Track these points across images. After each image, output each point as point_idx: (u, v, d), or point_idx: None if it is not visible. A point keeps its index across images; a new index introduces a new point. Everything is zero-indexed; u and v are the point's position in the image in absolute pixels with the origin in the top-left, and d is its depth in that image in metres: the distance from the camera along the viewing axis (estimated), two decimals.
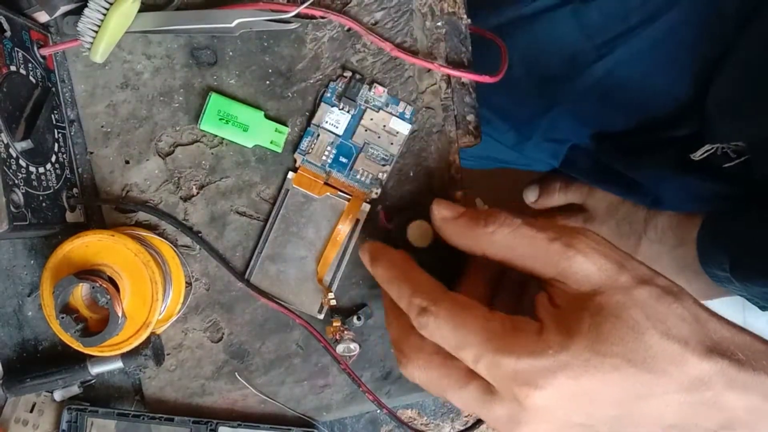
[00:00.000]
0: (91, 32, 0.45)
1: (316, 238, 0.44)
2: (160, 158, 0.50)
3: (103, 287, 0.43)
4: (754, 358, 0.31)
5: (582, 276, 0.34)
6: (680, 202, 0.71)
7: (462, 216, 0.40)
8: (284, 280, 0.45)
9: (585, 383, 0.31)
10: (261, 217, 0.50)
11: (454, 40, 0.50)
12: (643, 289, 0.33)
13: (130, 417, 0.51)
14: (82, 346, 0.44)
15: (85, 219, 0.50)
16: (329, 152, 0.44)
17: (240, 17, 0.47)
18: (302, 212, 0.45)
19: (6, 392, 0.50)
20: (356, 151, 0.44)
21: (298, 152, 0.44)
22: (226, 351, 0.52)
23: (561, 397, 0.32)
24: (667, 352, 0.31)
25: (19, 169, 0.43)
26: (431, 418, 0.54)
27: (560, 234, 0.36)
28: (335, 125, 0.44)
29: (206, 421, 0.51)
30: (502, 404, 0.34)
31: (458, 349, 0.35)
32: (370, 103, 0.44)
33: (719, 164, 0.63)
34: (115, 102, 0.50)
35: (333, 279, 0.47)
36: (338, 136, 0.44)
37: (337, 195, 0.44)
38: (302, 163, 0.44)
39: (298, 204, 0.45)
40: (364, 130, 0.44)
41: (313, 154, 0.44)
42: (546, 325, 0.34)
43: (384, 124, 0.44)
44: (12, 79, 0.44)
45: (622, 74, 0.67)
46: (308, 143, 0.44)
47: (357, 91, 0.44)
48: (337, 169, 0.44)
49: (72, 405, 0.51)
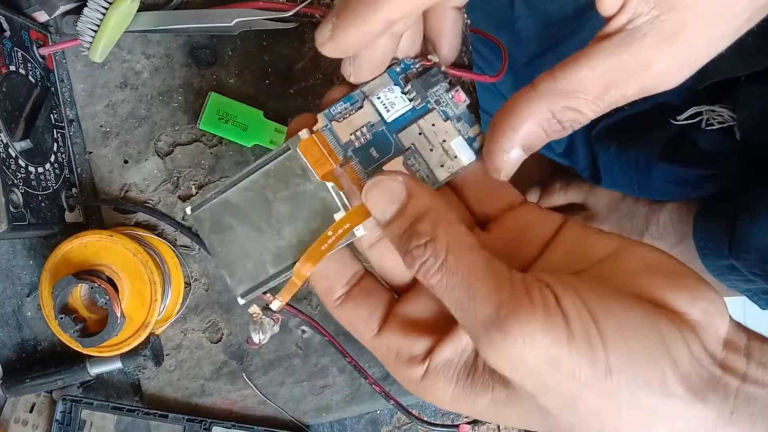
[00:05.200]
0: (91, 32, 0.45)
1: (285, 220, 0.32)
2: (159, 158, 0.50)
3: (102, 287, 0.43)
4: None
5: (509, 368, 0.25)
6: (668, 186, 0.72)
7: (393, 220, 0.28)
8: (228, 239, 0.33)
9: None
10: None
11: None
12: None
13: (125, 411, 0.51)
14: (81, 346, 0.44)
15: (84, 219, 0.50)
16: (362, 134, 0.32)
17: (239, 16, 0.47)
18: (288, 183, 0.33)
19: (5, 392, 0.50)
20: (395, 151, 0.32)
21: (324, 114, 0.32)
22: (226, 351, 0.52)
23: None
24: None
25: (18, 169, 0.42)
26: (431, 418, 0.54)
27: (507, 290, 0.25)
28: (387, 106, 0.33)
29: (200, 420, 0.51)
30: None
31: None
32: (441, 106, 0.33)
33: (702, 129, 0.66)
34: (114, 101, 0.50)
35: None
36: (383, 122, 0.32)
37: (338, 194, 0.31)
38: (322, 129, 0.32)
39: (289, 171, 0.33)
40: (417, 131, 0.33)
41: (342, 125, 0.32)
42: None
43: (444, 139, 0.33)
44: (11, 78, 0.43)
45: None
46: (343, 110, 0.32)
47: (434, 84, 0.33)
48: (360, 160, 0.32)
49: (66, 395, 0.51)
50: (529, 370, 0.23)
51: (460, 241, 0.26)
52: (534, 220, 0.30)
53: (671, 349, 0.23)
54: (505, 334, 0.23)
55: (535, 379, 0.24)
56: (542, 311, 0.23)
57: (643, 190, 0.76)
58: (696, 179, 0.70)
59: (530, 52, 0.74)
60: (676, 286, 0.25)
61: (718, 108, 0.66)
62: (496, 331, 0.23)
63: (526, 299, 0.24)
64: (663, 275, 0.26)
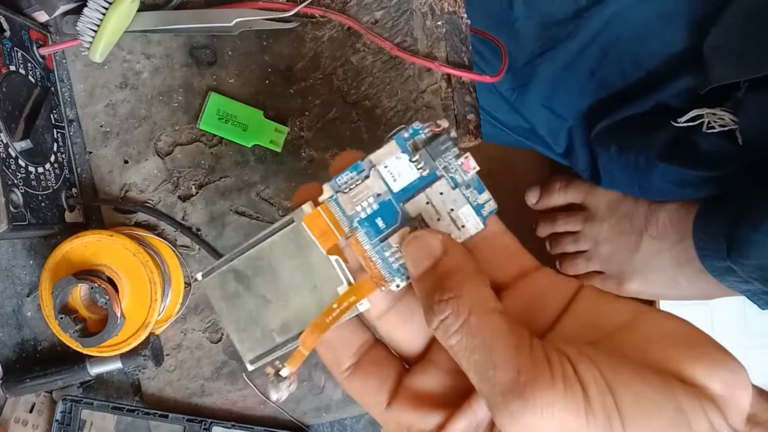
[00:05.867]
0: (91, 32, 0.45)
1: (291, 290, 0.33)
2: (159, 158, 0.50)
3: (102, 287, 0.43)
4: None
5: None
6: (668, 187, 0.72)
7: (424, 275, 0.28)
8: (236, 306, 0.34)
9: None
10: (261, 216, 0.50)
11: (454, 39, 0.49)
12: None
13: (125, 411, 0.51)
14: (81, 346, 0.44)
15: (84, 219, 0.50)
16: (368, 205, 0.31)
17: (239, 16, 0.47)
18: (294, 255, 0.33)
19: (5, 392, 0.50)
20: (401, 222, 0.31)
21: (330, 185, 0.31)
22: (226, 351, 0.52)
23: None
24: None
25: (18, 169, 0.42)
26: None
27: (526, 360, 0.24)
28: (394, 176, 0.32)
29: (200, 420, 0.51)
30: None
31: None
32: (450, 173, 0.32)
33: (703, 131, 0.66)
34: (114, 101, 0.50)
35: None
36: (390, 191, 0.32)
37: (342, 268, 0.31)
38: (328, 200, 0.31)
39: (294, 243, 0.33)
40: (425, 201, 0.32)
41: (348, 196, 0.31)
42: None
43: (452, 208, 0.32)
44: (11, 78, 0.43)
45: (621, 25, 0.69)
46: (348, 180, 0.31)
47: (443, 152, 0.32)
48: (366, 230, 0.31)
49: (66, 395, 0.51)
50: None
51: (484, 303, 0.26)
52: (548, 288, 0.29)
53: (692, 423, 0.23)
54: (524, 402, 0.23)
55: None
56: (562, 381, 0.23)
57: (644, 190, 0.76)
58: (697, 181, 0.70)
59: (529, 52, 0.74)
60: (694, 356, 0.24)
61: (719, 111, 0.66)
62: (514, 398, 0.23)
63: (546, 367, 0.23)
64: (680, 345, 0.25)
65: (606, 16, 0.69)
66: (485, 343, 0.25)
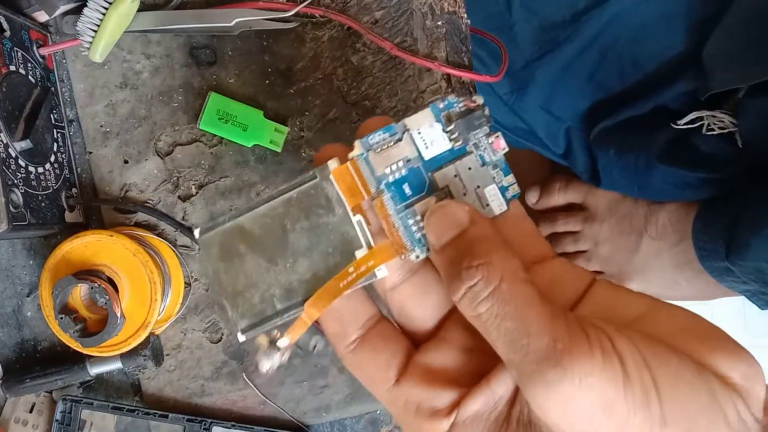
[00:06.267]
0: (91, 32, 0.45)
1: (301, 252, 0.30)
2: (159, 158, 0.50)
3: (102, 287, 0.43)
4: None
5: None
6: (668, 188, 0.72)
7: (448, 244, 0.27)
8: (235, 267, 0.31)
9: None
10: None
11: (454, 39, 0.49)
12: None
13: (125, 411, 0.51)
14: (81, 346, 0.44)
15: (84, 219, 0.50)
16: (398, 168, 0.30)
17: (239, 16, 0.47)
18: (310, 214, 0.30)
19: (5, 392, 0.50)
20: (427, 191, 0.31)
21: (361, 141, 0.30)
22: (226, 351, 0.52)
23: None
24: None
25: (18, 169, 0.42)
26: None
27: (563, 330, 0.23)
28: (426, 143, 0.31)
29: (200, 420, 0.51)
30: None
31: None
32: (479, 150, 0.31)
33: (703, 133, 0.66)
34: (114, 101, 0.50)
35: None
36: (421, 158, 0.31)
37: (364, 230, 0.29)
38: (358, 157, 0.30)
39: (312, 201, 0.31)
40: (453, 173, 0.31)
41: (379, 156, 0.30)
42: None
43: (479, 185, 0.31)
44: (11, 78, 0.43)
45: (620, 27, 0.69)
46: (381, 141, 0.30)
47: (476, 127, 0.31)
48: (392, 195, 0.30)
49: (66, 395, 0.51)
50: (581, 415, 0.22)
51: (515, 271, 0.25)
52: (565, 275, 0.29)
53: (725, 409, 0.22)
54: (562, 370, 0.22)
55: (586, 428, 0.22)
56: (600, 352, 0.22)
57: (644, 192, 0.76)
58: (697, 182, 0.70)
59: (527, 56, 0.74)
60: (714, 348, 0.24)
61: (719, 113, 0.66)
62: (551, 366, 0.22)
63: (584, 338, 0.22)
64: (699, 337, 0.25)
65: (605, 19, 0.69)
66: (518, 311, 0.24)
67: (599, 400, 0.22)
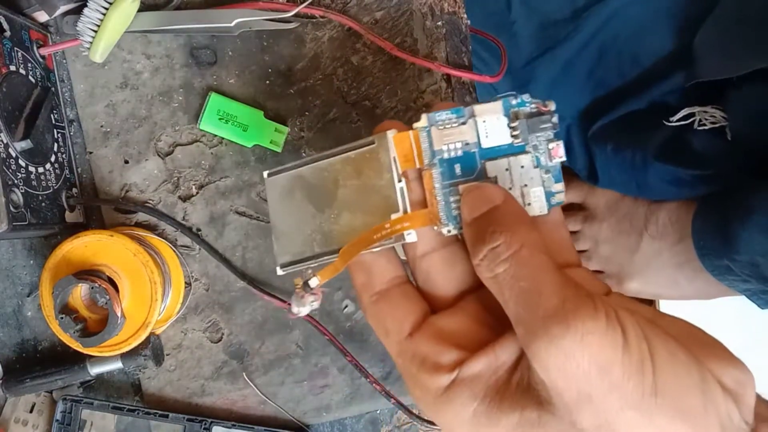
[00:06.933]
0: (91, 32, 0.45)
1: (346, 207, 0.33)
2: (160, 158, 0.50)
3: (103, 287, 0.43)
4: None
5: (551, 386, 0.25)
6: (665, 186, 0.72)
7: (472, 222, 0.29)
8: (289, 209, 0.35)
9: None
10: (261, 216, 0.50)
11: (454, 39, 0.49)
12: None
13: (125, 411, 0.51)
14: (81, 346, 0.44)
15: (85, 219, 0.50)
16: (455, 148, 0.32)
17: (239, 17, 0.47)
18: (361, 174, 0.33)
19: (6, 392, 0.50)
20: (476, 176, 0.32)
21: (428, 115, 0.32)
22: (226, 351, 0.52)
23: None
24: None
25: (18, 169, 0.43)
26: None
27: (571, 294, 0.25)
28: (488, 133, 0.32)
29: (200, 420, 0.51)
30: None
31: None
32: (537, 152, 0.33)
33: (695, 129, 0.66)
34: (114, 102, 0.50)
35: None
36: (478, 144, 0.32)
37: (404, 196, 0.32)
38: (422, 130, 0.32)
39: (366, 164, 0.33)
40: (505, 167, 0.32)
41: (440, 133, 0.32)
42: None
43: (526, 183, 0.33)
44: (11, 78, 0.43)
45: (619, 23, 0.69)
46: (446, 119, 0.32)
47: (541, 130, 0.33)
48: (442, 171, 0.32)
49: (67, 395, 0.51)
50: (578, 372, 0.23)
51: (536, 242, 0.27)
52: (585, 282, 0.29)
53: (716, 398, 0.24)
54: (566, 326, 0.23)
55: (582, 385, 0.23)
56: (605, 317, 0.24)
57: (642, 189, 0.76)
58: (692, 180, 0.70)
59: (527, 54, 0.74)
60: (710, 354, 0.25)
61: (710, 109, 0.66)
62: (557, 322, 0.23)
63: (591, 303, 0.24)
64: (697, 343, 0.26)
65: (604, 15, 0.69)
66: (533, 274, 0.26)
67: (597, 360, 0.23)
